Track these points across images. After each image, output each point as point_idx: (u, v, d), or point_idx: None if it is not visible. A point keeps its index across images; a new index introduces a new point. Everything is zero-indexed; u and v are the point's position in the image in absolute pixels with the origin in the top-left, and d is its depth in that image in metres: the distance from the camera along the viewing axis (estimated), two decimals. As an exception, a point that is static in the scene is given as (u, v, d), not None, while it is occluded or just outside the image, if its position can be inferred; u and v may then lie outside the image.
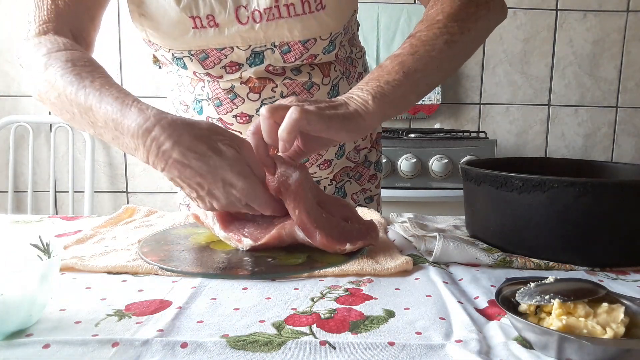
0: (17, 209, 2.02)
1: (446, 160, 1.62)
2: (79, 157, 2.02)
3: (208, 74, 0.74)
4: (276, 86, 0.74)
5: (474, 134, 1.78)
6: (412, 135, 1.71)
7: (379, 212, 0.94)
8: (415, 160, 1.61)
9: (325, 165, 0.82)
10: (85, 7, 0.68)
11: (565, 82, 2.07)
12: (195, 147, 0.50)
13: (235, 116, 0.76)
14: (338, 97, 0.59)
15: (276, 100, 0.75)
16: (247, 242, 0.57)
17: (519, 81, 2.06)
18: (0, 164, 2.03)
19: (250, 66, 0.72)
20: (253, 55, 0.71)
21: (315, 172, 0.82)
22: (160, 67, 0.86)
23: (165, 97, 0.90)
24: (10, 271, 0.38)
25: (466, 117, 2.09)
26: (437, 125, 2.07)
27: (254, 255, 0.57)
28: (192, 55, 0.71)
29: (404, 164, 1.62)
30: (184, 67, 0.73)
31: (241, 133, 0.78)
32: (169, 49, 0.71)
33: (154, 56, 0.83)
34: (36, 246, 0.43)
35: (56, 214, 2.05)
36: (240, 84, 0.74)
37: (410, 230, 0.69)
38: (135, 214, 0.80)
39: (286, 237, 0.56)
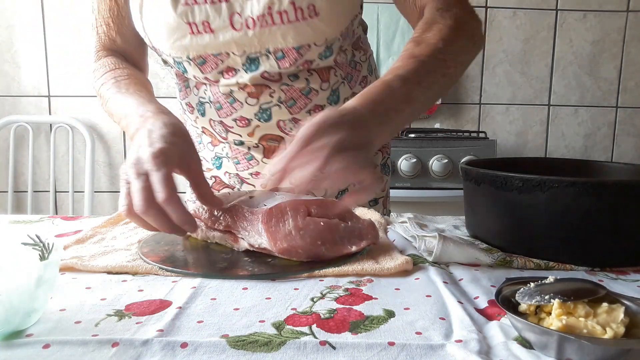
0: (17, 209, 2.02)
1: (446, 160, 1.62)
2: (79, 157, 2.02)
3: (206, 78, 0.75)
4: (274, 92, 0.74)
5: (474, 134, 1.78)
6: (412, 135, 1.71)
7: (386, 214, 0.93)
8: (415, 160, 1.61)
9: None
10: (126, 37, 0.79)
11: (565, 82, 2.07)
12: (129, 169, 0.54)
13: (234, 120, 0.77)
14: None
15: (275, 105, 0.75)
16: (243, 244, 0.57)
17: (519, 81, 2.07)
18: (0, 164, 2.03)
19: (246, 72, 0.73)
20: (249, 61, 0.72)
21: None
22: (169, 67, 0.88)
23: (163, 97, 0.92)
24: (10, 271, 0.38)
25: (466, 117, 2.09)
26: (437, 125, 2.07)
27: (253, 255, 0.57)
28: (190, 60, 0.73)
29: (404, 164, 1.62)
30: (185, 71, 0.75)
31: (241, 136, 0.79)
32: (170, 54, 0.73)
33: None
34: (29, 245, 0.42)
35: (56, 214, 2.05)
36: (239, 89, 0.74)
37: (410, 230, 0.69)
38: (135, 214, 0.79)
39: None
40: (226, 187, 0.88)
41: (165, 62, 0.83)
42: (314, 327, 0.40)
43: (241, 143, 0.80)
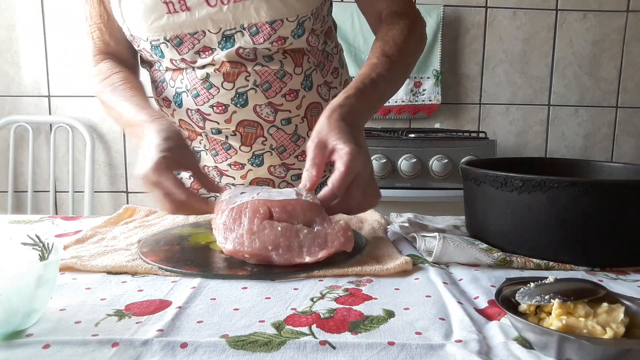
0: (17, 209, 2.02)
1: (446, 160, 1.62)
2: (79, 157, 2.02)
3: (183, 60, 0.77)
4: (249, 75, 0.76)
5: (474, 134, 1.78)
6: (412, 135, 1.71)
7: None
8: (415, 160, 1.61)
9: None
10: (117, 40, 0.83)
11: (565, 82, 2.07)
12: (143, 184, 0.63)
13: (212, 106, 0.78)
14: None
15: (250, 89, 0.77)
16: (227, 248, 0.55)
17: (519, 81, 2.06)
18: (0, 164, 2.03)
19: (222, 50, 0.75)
20: (224, 39, 0.75)
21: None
22: (148, 69, 0.90)
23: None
24: (10, 271, 0.38)
25: (466, 117, 2.09)
26: (437, 125, 2.07)
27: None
28: (167, 41, 0.75)
29: (404, 164, 1.62)
30: (162, 55, 0.77)
31: (218, 123, 0.80)
32: (147, 38, 0.76)
33: (140, 56, 0.87)
34: (29, 245, 0.42)
35: (56, 214, 2.05)
36: (214, 71, 0.76)
37: (410, 230, 0.69)
38: (136, 214, 0.80)
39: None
40: None
41: (142, 60, 0.86)
42: (313, 327, 0.40)
43: (219, 132, 0.81)
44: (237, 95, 0.77)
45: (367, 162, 0.61)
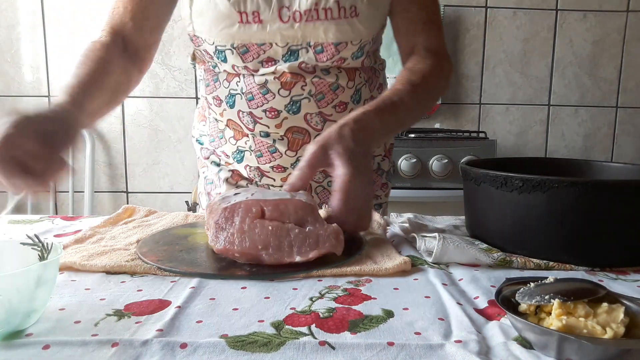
0: (17, 209, 2.02)
1: (446, 160, 1.62)
2: (79, 157, 2.02)
3: (246, 67, 0.79)
4: (305, 85, 0.79)
5: (474, 134, 1.78)
6: (412, 135, 1.71)
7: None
8: (415, 160, 1.61)
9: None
10: (140, 24, 0.81)
11: (565, 82, 2.07)
12: None
13: (265, 110, 0.80)
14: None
15: (304, 98, 0.79)
16: (218, 247, 0.55)
17: (519, 81, 2.06)
18: (0, 164, 2.03)
19: (285, 62, 0.78)
20: (289, 52, 0.78)
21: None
22: (194, 66, 0.92)
23: (163, 97, 0.91)
24: (10, 271, 0.38)
25: (466, 117, 2.08)
26: (437, 125, 2.07)
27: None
28: (234, 48, 0.77)
29: (404, 164, 1.62)
30: (224, 60, 0.79)
31: (268, 127, 0.81)
32: (213, 42, 0.77)
33: (194, 53, 0.88)
34: (29, 245, 0.42)
35: (56, 214, 2.05)
36: (274, 79, 0.78)
37: (409, 230, 0.69)
38: (135, 214, 0.79)
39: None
40: (244, 180, 0.89)
41: (194, 57, 0.88)
42: (313, 326, 0.40)
43: (267, 135, 0.82)
44: (292, 102, 0.79)
45: (363, 185, 0.60)
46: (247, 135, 0.84)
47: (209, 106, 0.88)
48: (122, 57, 0.78)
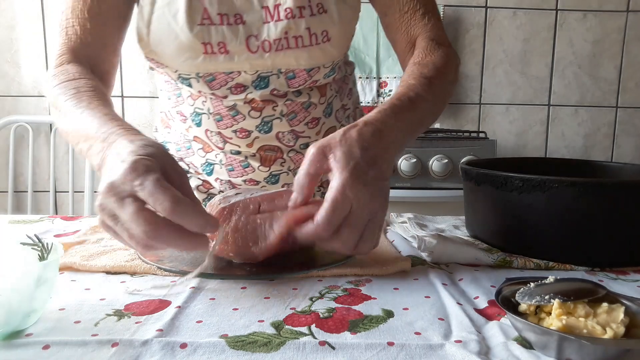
0: (17, 209, 2.02)
1: (446, 160, 1.62)
2: (79, 157, 2.02)
3: (214, 94, 0.74)
4: (277, 106, 0.76)
5: (474, 134, 1.78)
6: (412, 135, 1.71)
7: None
8: (415, 160, 1.61)
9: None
10: (102, 42, 0.72)
11: (565, 82, 2.07)
12: (105, 201, 0.44)
13: (235, 131, 0.77)
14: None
15: (276, 118, 0.76)
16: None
17: (519, 81, 2.06)
18: (0, 164, 2.03)
19: (255, 89, 0.74)
20: (259, 79, 0.73)
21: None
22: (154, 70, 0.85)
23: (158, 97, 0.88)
24: (10, 271, 0.38)
25: (466, 117, 2.08)
26: (437, 125, 2.07)
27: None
28: (199, 77, 0.72)
29: (404, 164, 1.62)
30: (189, 86, 0.74)
31: (239, 146, 0.78)
32: (176, 70, 0.72)
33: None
34: (28, 245, 0.42)
35: (56, 214, 2.05)
36: (244, 103, 0.75)
37: (409, 230, 0.69)
38: (135, 214, 0.79)
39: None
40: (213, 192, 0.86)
41: (152, 68, 0.79)
42: (312, 326, 0.40)
43: (238, 152, 0.80)
44: (263, 123, 0.76)
45: (365, 200, 0.48)
46: (217, 151, 0.80)
47: (171, 119, 0.82)
48: (97, 80, 0.68)
